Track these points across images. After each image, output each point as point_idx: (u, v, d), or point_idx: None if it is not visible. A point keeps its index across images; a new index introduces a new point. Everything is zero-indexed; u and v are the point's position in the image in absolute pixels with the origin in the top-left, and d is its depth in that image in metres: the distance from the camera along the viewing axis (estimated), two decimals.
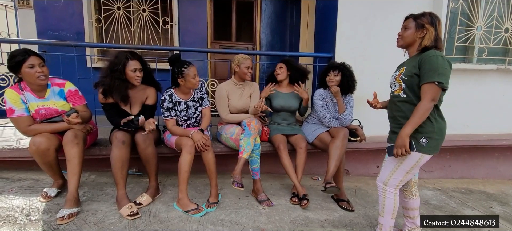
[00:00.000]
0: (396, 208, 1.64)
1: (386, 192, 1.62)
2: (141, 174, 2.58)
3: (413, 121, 1.41)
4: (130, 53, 1.92)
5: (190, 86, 2.06)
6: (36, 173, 2.37)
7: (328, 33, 2.90)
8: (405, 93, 1.52)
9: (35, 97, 1.84)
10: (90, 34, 3.88)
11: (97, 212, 1.87)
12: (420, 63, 1.44)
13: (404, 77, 1.51)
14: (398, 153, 1.45)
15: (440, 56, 1.39)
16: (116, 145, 1.86)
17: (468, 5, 3.00)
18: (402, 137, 1.42)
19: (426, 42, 1.46)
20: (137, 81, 1.94)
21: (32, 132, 1.81)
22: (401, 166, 1.53)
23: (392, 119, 1.63)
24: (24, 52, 1.75)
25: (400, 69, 1.59)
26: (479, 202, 2.57)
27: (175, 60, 2.03)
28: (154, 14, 3.98)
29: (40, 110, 1.85)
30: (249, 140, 2.06)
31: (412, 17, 1.54)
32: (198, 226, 1.80)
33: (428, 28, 1.46)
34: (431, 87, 1.39)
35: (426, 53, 1.43)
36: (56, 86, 1.92)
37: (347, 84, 2.31)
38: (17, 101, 1.79)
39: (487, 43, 3.07)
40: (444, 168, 3.18)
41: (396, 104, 1.58)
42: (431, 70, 1.38)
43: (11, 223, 1.69)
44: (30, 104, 1.83)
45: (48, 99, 1.88)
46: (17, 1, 3.70)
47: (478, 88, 3.04)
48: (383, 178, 1.63)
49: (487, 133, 3.10)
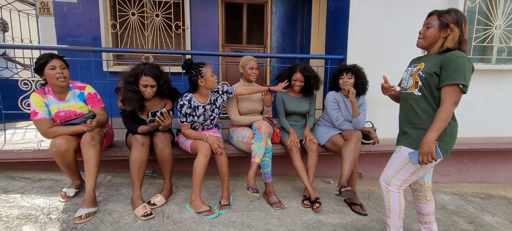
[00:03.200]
0: (403, 208, 1.57)
1: (390, 191, 1.56)
2: (155, 175, 2.63)
3: (437, 126, 1.34)
4: (146, 68, 1.94)
5: (210, 86, 2.09)
6: (55, 174, 2.46)
7: (340, 34, 2.88)
8: (420, 91, 1.44)
9: (56, 100, 1.93)
10: (106, 39, 4.01)
11: (113, 212, 1.93)
12: (443, 62, 1.35)
13: (422, 74, 1.42)
14: (425, 161, 1.36)
15: (466, 58, 1.32)
16: (136, 147, 1.91)
17: (486, 3, 2.91)
18: (427, 144, 1.34)
19: (449, 44, 1.37)
20: (147, 96, 1.98)
21: (52, 134, 1.90)
22: (407, 167, 1.47)
23: (404, 118, 1.56)
24: (49, 55, 1.87)
25: (416, 64, 1.50)
26: (499, 208, 2.46)
27: (190, 65, 2.07)
28: (167, 19, 4.07)
29: (60, 113, 1.94)
30: (260, 144, 2.07)
31: (436, 14, 1.43)
32: (210, 228, 1.82)
33: (453, 28, 1.36)
34: (455, 90, 1.32)
35: (452, 52, 1.35)
36: (77, 89, 2.02)
37: (361, 86, 2.29)
38: (41, 105, 1.89)
39: (507, 43, 2.95)
40: (461, 172, 3.07)
41: (408, 103, 1.51)
42: (456, 72, 1.30)
43: (32, 222, 1.76)
44: (51, 107, 1.92)
45: (68, 101, 1.97)
46: (38, 9, 3.88)
47: (497, 89, 2.93)
48: (386, 176, 1.57)
49: (508, 135, 2.98)
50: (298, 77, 2.38)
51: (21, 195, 2.08)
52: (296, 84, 2.39)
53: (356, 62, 2.37)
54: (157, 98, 2.10)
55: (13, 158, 2.29)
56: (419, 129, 1.46)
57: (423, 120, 1.45)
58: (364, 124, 2.32)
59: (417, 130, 1.47)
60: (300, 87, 2.40)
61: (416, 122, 1.46)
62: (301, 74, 2.37)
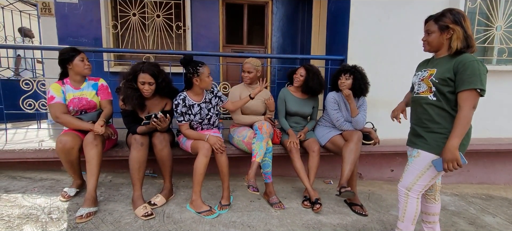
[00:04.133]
0: (418, 214, 1.57)
1: (409, 197, 1.53)
2: (155, 175, 2.64)
3: (459, 132, 1.33)
4: (145, 66, 1.96)
5: (204, 86, 2.11)
6: (56, 174, 2.47)
7: (340, 35, 2.89)
8: (435, 97, 1.43)
9: (72, 88, 2.06)
10: (107, 39, 4.03)
11: (114, 212, 1.93)
12: (456, 67, 1.35)
13: (435, 79, 1.41)
14: (450, 168, 1.34)
15: (480, 62, 1.32)
16: (135, 147, 1.92)
17: (486, 4, 2.91)
18: (451, 151, 1.32)
19: (456, 44, 1.37)
20: (145, 94, 1.99)
21: (62, 119, 1.98)
22: (428, 172, 1.45)
23: (417, 121, 1.54)
24: (76, 49, 2.07)
25: (428, 69, 1.48)
26: (500, 209, 2.46)
27: (188, 61, 2.08)
28: (168, 20, 4.08)
29: (74, 99, 2.05)
30: (261, 144, 2.07)
31: (432, 20, 1.44)
32: (210, 228, 1.82)
33: (454, 27, 1.36)
34: (472, 94, 1.31)
35: (464, 57, 1.34)
36: (92, 80, 2.16)
37: (359, 87, 2.27)
38: (58, 91, 2.02)
39: (508, 44, 2.95)
40: (462, 173, 3.07)
41: (422, 107, 1.49)
42: (473, 76, 1.30)
43: (34, 221, 1.77)
44: (68, 94, 2.05)
45: (82, 89, 2.09)
46: (40, 10, 3.89)
47: (498, 90, 2.92)
48: (407, 183, 1.53)
49: (509, 136, 2.98)
50: (300, 71, 2.42)
51: (22, 194, 2.09)
52: (296, 78, 2.43)
53: (357, 63, 2.37)
54: (158, 98, 2.11)
55: (14, 157, 2.30)
56: (435, 133, 1.44)
57: (439, 123, 1.43)
58: (363, 124, 2.32)
59: (433, 134, 1.45)
60: (300, 82, 2.40)
61: (432, 126, 1.45)
62: (303, 68, 2.42)
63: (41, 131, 3.02)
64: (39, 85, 2.60)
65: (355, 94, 2.30)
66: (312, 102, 2.50)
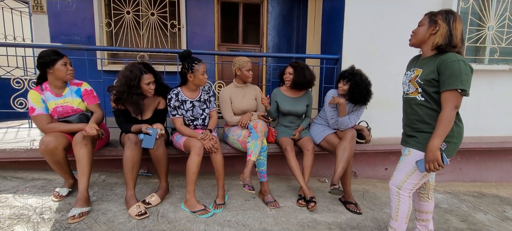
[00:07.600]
0: (410, 212, 1.58)
1: (401, 195, 1.54)
2: (149, 175, 2.62)
3: (441, 132, 1.34)
4: (144, 67, 1.95)
5: (198, 83, 2.10)
6: (48, 173, 2.43)
7: (335, 34, 2.90)
8: (423, 97, 1.44)
9: (53, 96, 1.95)
10: (100, 38, 3.97)
11: (107, 211, 1.91)
12: (439, 68, 1.35)
13: (420, 81, 1.43)
14: (431, 168, 1.35)
15: (462, 61, 1.31)
16: (129, 146, 1.90)
17: (479, 4, 2.95)
18: (432, 151, 1.33)
19: (438, 40, 1.37)
20: (151, 93, 1.99)
21: (50, 130, 1.91)
22: (417, 171, 1.47)
23: (408, 122, 1.55)
24: (57, 52, 1.93)
25: (414, 70, 1.50)
26: (492, 206, 2.50)
27: (186, 56, 2.07)
28: (163, 18, 4.05)
29: (57, 108, 1.95)
30: (256, 142, 2.07)
31: (428, 14, 1.45)
32: (205, 227, 1.82)
33: (440, 24, 1.37)
34: (453, 95, 1.32)
35: (446, 57, 1.35)
36: (74, 86, 2.05)
37: (353, 95, 2.22)
38: (38, 101, 1.91)
39: (499, 43, 3.00)
40: (454, 171, 3.11)
41: (411, 107, 1.50)
42: (453, 77, 1.30)
43: (25, 222, 1.74)
44: (49, 103, 1.94)
45: (65, 97, 1.99)
46: (32, 7, 3.82)
47: (490, 89, 2.97)
48: (397, 181, 1.55)
49: (500, 135, 3.02)
50: (288, 70, 2.43)
51: (13, 194, 2.05)
52: (286, 77, 2.44)
53: (351, 62, 2.37)
54: (152, 96, 2.09)
55: (5, 157, 2.26)
56: (426, 132, 1.45)
57: (429, 124, 1.44)
58: (346, 127, 2.28)
59: (424, 133, 1.46)
60: (290, 81, 2.41)
61: (422, 126, 1.46)
62: (290, 66, 2.43)
63: (33, 130, 2.97)
64: (31, 84, 2.56)
65: (352, 100, 2.27)
66: (305, 100, 2.49)
